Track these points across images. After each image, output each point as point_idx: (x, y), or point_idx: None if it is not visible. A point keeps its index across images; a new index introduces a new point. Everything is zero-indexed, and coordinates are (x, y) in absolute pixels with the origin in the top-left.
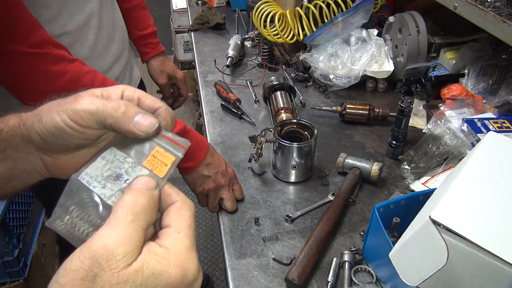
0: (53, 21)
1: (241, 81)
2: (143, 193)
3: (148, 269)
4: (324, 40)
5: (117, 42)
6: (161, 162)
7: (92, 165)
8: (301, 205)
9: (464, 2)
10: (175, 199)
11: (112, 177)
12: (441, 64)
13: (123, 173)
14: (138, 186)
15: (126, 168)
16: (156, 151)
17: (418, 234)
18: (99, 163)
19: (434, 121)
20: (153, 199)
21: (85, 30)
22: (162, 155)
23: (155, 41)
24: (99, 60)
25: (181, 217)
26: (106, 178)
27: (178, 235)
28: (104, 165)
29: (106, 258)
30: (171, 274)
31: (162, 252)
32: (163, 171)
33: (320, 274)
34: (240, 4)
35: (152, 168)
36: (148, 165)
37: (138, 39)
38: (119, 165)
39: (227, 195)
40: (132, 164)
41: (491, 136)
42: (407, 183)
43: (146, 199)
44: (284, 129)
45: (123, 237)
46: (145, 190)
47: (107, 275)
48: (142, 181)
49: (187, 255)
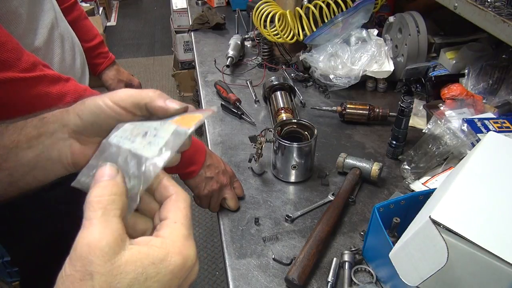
0: (22, 37)
1: (241, 81)
2: (103, 185)
3: (148, 259)
4: (324, 40)
5: (79, 56)
6: (188, 120)
7: (121, 129)
8: (301, 205)
9: (464, 2)
10: (171, 192)
11: (141, 134)
12: (441, 64)
13: (151, 130)
14: (98, 179)
15: (154, 126)
16: (183, 116)
17: (418, 234)
18: (127, 126)
19: (434, 121)
20: (117, 186)
21: (50, 45)
22: (189, 116)
23: (105, 51)
24: (68, 75)
25: (177, 208)
26: (135, 136)
27: (174, 225)
28: (132, 128)
29: (94, 254)
30: (171, 261)
31: (160, 242)
32: (191, 124)
33: (320, 274)
34: (240, 4)
35: (179, 124)
36: (175, 122)
37: (87, 51)
38: (148, 125)
39: (229, 194)
40: (160, 123)
41: (491, 136)
42: (407, 183)
43: (109, 189)
44: (284, 129)
45: (100, 231)
46: (105, 181)
47: (103, 269)
48: (100, 172)
49: (185, 242)
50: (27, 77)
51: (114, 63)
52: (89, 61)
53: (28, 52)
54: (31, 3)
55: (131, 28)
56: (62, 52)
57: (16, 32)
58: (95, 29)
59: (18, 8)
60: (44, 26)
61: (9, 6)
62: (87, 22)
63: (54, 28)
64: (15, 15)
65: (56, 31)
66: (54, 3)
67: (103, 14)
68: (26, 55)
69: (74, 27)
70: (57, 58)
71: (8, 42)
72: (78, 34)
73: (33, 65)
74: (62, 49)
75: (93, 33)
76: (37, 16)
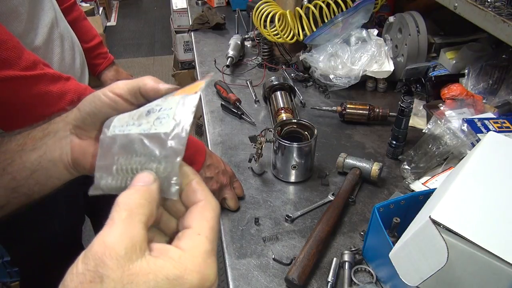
0: (23, 36)
1: (241, 81)
2: (136, 189)
3: (162, 273)
4: (324, 40)
5: (78, 55)
6: (190, 89)
7: (116, 118)
8: (301, 205)
9: (464, 2)
10: (200, 197)
11: (144, 114)
12: (441, 64)
13: (153, 107)
14: (133, 184)
15: (156, 103)
16: (182, 89)
17: (418, 234)
18: (122, 115)
19: (434, 121)
20: (149, 193)
21: (50, 44)
22: (188, 87)
23: (104, 51)
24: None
25: (204, 218)
26: (137, 119)
27: (198, 238)
28: (129, 114)
29: (109, 255)
30: (187, 279)
31: (179, 256)
32: (194, 89)
33: (320, 274)
34: (240, 4)
35: (182, 94)
36: (177, 94)
37: (86, 51)
38: (148, 105)
39: (229, 194)
40: (161, 100)
41: (491, 136)
42: (407, 183)
43: (140, 194)
44: (284, 129)
45: (121, 232)
46: (139, 186)
47: (114, 274)
48: (137, 179)
49: (206, 259)
50: (27, 76)
51: (113, 64)
52: (88, 61)
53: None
54: (31, 2)
55: (131, 28)
56: (62, 51)
57: (16, 31)
58: (94, 30)
59: (18, 7)
60: (44, 26)
61: (9, 4)
62: (86, 23)
63: (54, 28)
64: (15, 14)
65: (56, 31)
66: (54, 3)
67: (103, 14)
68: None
69: (74, 28)
70: (56, 57)
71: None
72: (78, 35)
73: (34, 64)
74: (62, 49)
75: (92, 33)
76: (37, 15)
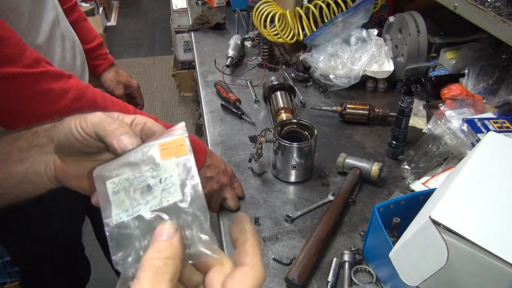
0: (24, 35)
1: (241, 81)
2: (159, 247)
3: None
4: (324, 40)
5: (79, 55)
6: (175, 146)
7: (113, 205)
8: (301, 205)
9: (464, 2)
10: (248, 261)
11: (144, 190)
12: (441, 64)
13: (148, 179)
14: (155, 238)
15: (146, 175)
16: (162, 144)
17: (418, 234)
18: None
19: (434, 121)
20: (172, 248)
21: (51, 43)
22: (170, 143)
23: (104, 52)
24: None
25: (243, 284)
26: (140, 197)
27: None
28: (121, 195)
29: None
30: None
31: None
32: (183, 150)
33: (320, 274)
34: (240, 4)
35: (170, 157)
36: (165, 157)
37: (87, 52)
38: (137, 176)
39: (230, 194)
40: (150, 167)
41: (491, 136)
42: (407, 183)
43: (163, 252)
44: (284, 129)
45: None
46: (161, 241)
47: None
48: (159, 231)
49: None
50: (30, 73)
51: (113, 65)
52: (88, 62)
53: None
54: (33, 1)
55: (131, 28)
56: (63, 50)
57: (18, 29)
58: (94, 31)
59: (20, 6)
60: (45, 24)
61: (11, 3)
62: (86, 24)
63: (56, 27)
64: (17, 12)
65: (57, 30)
66: (56, 2)
67: (103, 14)
68: (29, 51)
69: (74, 29)
70: (57, 56)
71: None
72: (78, 36)
73: (36, 61)
74: (63, 48)
75: (93, 34)
76: (39, 14)
